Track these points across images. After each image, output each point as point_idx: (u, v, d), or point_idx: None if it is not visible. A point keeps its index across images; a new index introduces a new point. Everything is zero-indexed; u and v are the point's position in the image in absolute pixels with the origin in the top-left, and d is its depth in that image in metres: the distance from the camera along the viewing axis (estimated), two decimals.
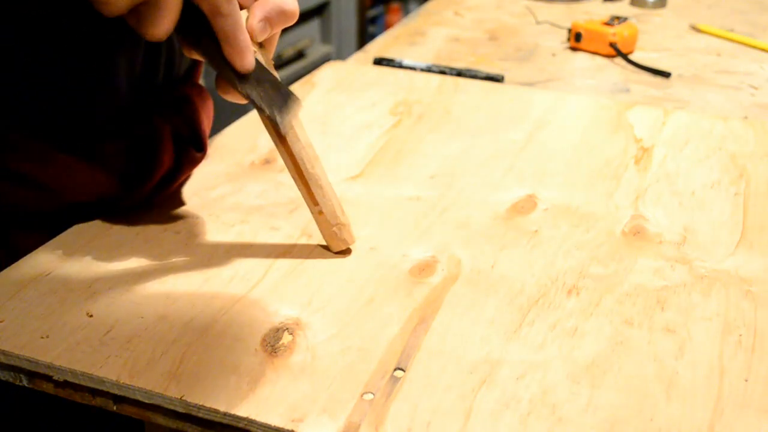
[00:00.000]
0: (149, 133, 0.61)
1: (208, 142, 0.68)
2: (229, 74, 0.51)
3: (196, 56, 0.52)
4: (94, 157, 0.59)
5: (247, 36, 0.50)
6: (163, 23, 0.46)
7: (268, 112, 0.52)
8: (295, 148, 0.54)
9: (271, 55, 0.55)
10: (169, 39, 0.52)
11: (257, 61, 0.52)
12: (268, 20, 0.52)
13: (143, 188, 0.61)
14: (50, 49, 0.56)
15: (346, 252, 0.58)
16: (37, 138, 0.57)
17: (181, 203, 0.64)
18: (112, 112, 0.61)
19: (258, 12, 0.51)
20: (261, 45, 0.54)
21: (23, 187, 0.57)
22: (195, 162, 0.65)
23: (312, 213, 0.57)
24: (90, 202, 0.61)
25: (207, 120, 0.68)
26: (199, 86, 0.70)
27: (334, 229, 0.57)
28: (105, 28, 0.56)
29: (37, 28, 0.55)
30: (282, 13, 0.52)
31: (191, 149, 0.64)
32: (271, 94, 0.53)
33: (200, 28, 0.49)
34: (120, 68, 0.60)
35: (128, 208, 0.62)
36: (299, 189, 0.56)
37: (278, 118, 0.53)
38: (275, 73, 0.54)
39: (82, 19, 0.55)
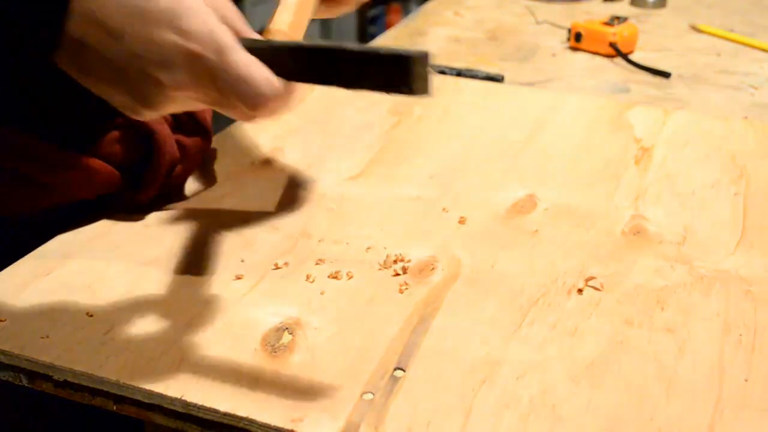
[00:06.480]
0: (143, 124, 0.60)
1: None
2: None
3: None
4: (89, 149, 0.59)
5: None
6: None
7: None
8: None
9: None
10: None
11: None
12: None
13: (153, 182, 0.61)
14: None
15: None
16: (29, 133, 0.57)
17: (181, 203, 0.64)
18: (107, 108, 0.61)
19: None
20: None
21: (21, 186, 0.57)
22: (202, 151, 0.64)
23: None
24: (99, 200, 0.60)
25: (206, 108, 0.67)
26: None
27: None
28: None
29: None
30: None
31: (197, 139, 0.64)
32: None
33: None
34: None
35: (134, 206, 0.62)
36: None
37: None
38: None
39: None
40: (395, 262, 0.57)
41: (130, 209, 0.62)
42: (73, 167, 0.58)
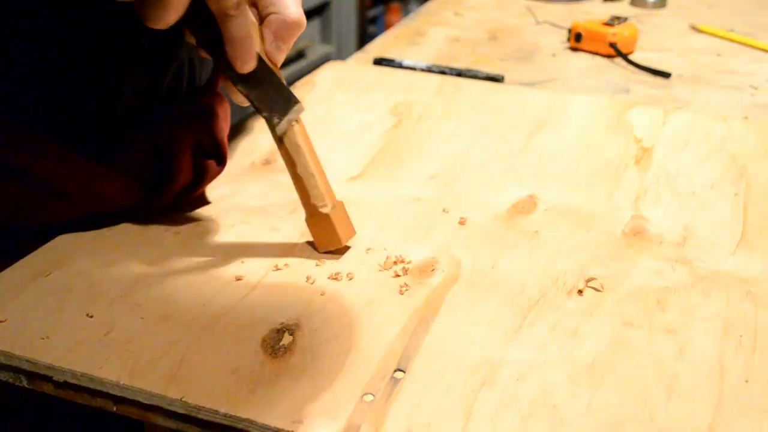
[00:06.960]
0: (170, 144, 0.61)
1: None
2: (230, 74, 0.51)
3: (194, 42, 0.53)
4: (120, 167, 0.59)
5: (253, 39, 0.50)
6: (167, 17, 0.46)
7: (266, 114, 0.53)
8: (293, 150, 0.55)
9: (281, 62, 0.56)
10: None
11: (262, 62, 0.52)
12: (280, 38, 0.53)
13: (161, 200, 0.61)
14: (86, 57, 0.57)
15: (340, 250, 0.58)
16: (66, 146, 0.57)
17: (182, 203, 0.64)
18: (138, 121, 0.61)
19: (268, 35, 0.53)
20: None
21: (45, 196, 0.57)
22: (214, 175, 0.65)
23: (306, 212, 0.57)
24: (109, 213, 0.61)
25: (227, 130, 0.68)
26: (220, 96, 0.69)
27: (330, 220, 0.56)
28: (144, 35, 0.56)
29: (72, 37, 0.55)
30: (289, 28, 0.53)
31: (213, 163, 0.64)
32: (272, 96, 0.53)
33: (206, 25, 0.50)
34: (150, 76, 0.60)
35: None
36: (297, 191, 0.56)
37: (276, 121, 0.53)
38: (281, 75, 0.54)
39: (117, 26, 0.56)
40: (395, 263, 0.57)
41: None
42: (103, 180, 0.58)
